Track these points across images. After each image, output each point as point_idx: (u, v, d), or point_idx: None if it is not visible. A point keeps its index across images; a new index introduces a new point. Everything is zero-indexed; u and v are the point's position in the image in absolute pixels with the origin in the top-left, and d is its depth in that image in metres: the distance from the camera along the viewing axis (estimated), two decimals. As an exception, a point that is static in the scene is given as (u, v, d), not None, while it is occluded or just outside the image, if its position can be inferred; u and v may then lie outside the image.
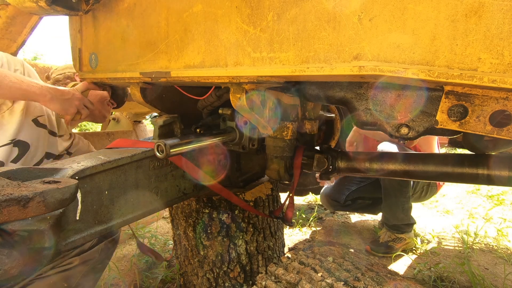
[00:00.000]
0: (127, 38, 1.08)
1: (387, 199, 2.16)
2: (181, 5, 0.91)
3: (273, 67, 0.75)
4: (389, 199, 2.15)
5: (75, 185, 0.67)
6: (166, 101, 1.31)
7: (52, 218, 0.65)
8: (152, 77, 1.01)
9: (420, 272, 1.91)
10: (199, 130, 1.24)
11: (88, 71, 1.24)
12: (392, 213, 2.18)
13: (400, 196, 2.09)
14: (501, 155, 1.02)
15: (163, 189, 1.06)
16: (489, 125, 0.60)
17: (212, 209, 1.41)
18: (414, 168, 1.12)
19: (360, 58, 0.64)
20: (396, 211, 2.15)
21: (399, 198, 2.09)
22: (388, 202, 2.17)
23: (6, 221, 0.57)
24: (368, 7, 0.62)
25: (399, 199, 2.10)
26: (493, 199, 3.35)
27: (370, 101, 0.85)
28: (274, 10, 0.74)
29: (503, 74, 0.52)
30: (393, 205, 2.14)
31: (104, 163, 0.84)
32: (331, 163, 1.28)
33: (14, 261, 0.60)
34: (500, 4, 0.51)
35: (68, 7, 1.06)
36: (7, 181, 0.63)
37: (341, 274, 0.97)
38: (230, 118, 1.23)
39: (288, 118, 1.14)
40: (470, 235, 2.40)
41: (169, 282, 1.81)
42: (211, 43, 0.86)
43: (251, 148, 1.24)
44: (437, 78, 0.57)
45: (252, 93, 0.90)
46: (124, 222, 0.92)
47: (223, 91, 1.23)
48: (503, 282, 1.79)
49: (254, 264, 1.49)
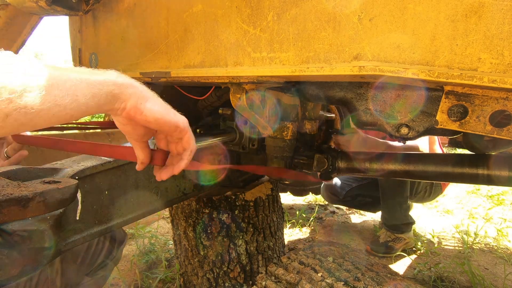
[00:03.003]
0: (127, 38, 1.08)
1: (385, 199, 2.16)
2: (181, 5, 0.92)
3: (273, 67, 0.76)
4: (386, 199, 2.16)
5: (75, 185, 0.67)
6: (166, 101, 1.31)
7: (52, 218, 0.65)
8: (152, 77, 1.01)
9: (420, 272, 1.91)
10: (199, 130, 1.24)
11: (88, 71, 1.24)
12: (390, 213, 2.18)
13: (397, 196, 2.09)
14: (501, 155, 1.02)
15: (163, 189, 1.06)
16: (489, 125, 0.60)
17: (212, 209, 1.41)
18: (414, 168, 1.12)
19: (360, 58, 0.64)
20: (394, 211, 2.15)
21: (397, 198, 2.09)
22: (386, 202, 2.17)
23: (6, 221, 0.57)
24: (368, 7, 0.62)
25: (397, 199, 2.10)
26: (493, 199, 3.35)
27: (370, 101, 0.85)
28: (274, 10, 0.74)
29: (503, 74, 0.52)
30: (391, 205, 2.14)
31: (104, 163, 0.84)
32: (331, 163, 1.28)
33: (14, 261, 0.60)
34: (500, 4, 0.51)
35: (68, 7, 1.06)
36: (7, 181, 0.63)
37: (341, 274, 0.97)
38: (230, 118, 1.23)
39: (288, 118, 1.14)
40: (470, 235, 2.40)
41: (169, 282, 1.81)
42: (211, 43, 0.87)
43: (251, 148, 1.25)
44: (437, 78, 0.57)
45: (252, 93, 0.90)
46: (124, 222, 0.92)
47: (223, 91, 1.23)
48: (503, 282, 1.79)
49: (254, 264, 1.49)
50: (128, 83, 0.53)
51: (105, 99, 0.49)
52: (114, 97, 0.50)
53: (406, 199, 2.11)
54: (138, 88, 0.54)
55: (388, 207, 2.17)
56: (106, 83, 0.49)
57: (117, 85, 0.51)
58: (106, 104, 0.50)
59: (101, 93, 0.48)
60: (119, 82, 0.52)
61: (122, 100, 0.52)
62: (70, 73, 0.46)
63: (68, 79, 0.44)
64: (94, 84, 0.48)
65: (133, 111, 0.53)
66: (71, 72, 0.46)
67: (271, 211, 1.56)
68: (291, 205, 3.18)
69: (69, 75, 0.45)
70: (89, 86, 0.47)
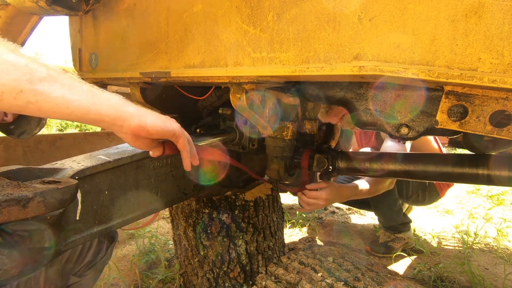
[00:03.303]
0: (127, 38, 1.08)
1: (375, 204, 2.15)
2: (181, 5, 0.92)
3: (273, 67, 0.76)
4: (376, 205, 2.15)
5: (75, 185, 0.67)
6: (166, 101, 1.31)
7: (52, 218, 0.65)
8: (152, 77, 1.01)
9: (420, 272, 1.91)
10: (199, 130, 1.24)
11: (88, 71, 1.24)
12: (384, 216, 2.18)
13: (386, 198, 2.06)
14: (501, 155, 1.02)
15: (163, 189, 1.06)
16: (489, 125, 0.60)
17: (212, 209, 1.41)
18: (414, 168, 1.12)
19: (360, 58, 0.64)
20: (387, 214, 2.14)
21: (385, 202, 2.07)
22: (376, 207, 2.17)
23: (6, 221, 0.57)
24: (368, 7, 0.62)
25: (385, 203, 2.08)
26: (493, 199, 3.35)
27: (370, 101, 0.85)
28: (274, 10, 0.74)
29: (503, 74, 0.52)
30: (382, 208, 2.14)
31: (104, 163, 0.84)
32: (331, 163, 1.28)
33: (14, 261, 0.60)
34: (500, 4, 0.51)
35: (68, 7, 1.06)
36: (7, 181, 0.63)
37: (341, 274, 0.97)
38: (230, 118, 1.23)
39: (288, 118, 1.15)
40: (470, 235, 2.40)
41: (169, 282, 1.81)
42: (211, 43, 0.87)
43: (251, 148, 1.25)
44: (437, 78, 0.57)
45: (252, 93, 0.90)
46: (124, 222, 0.92)
47: (223, 91, 1.23)
48: (503, 282, 1.79)
49: (254, 264, 1.49)
50: (129, 104, 0.62)
51: (106, 112, 0.57)
52: (116, 114, 0.59)
53: (396, 201, 2.09)
54: (136, 107, 0.63)
55: (381, 211, 2.17)
56: (109, 99, 0.58)
57: (119, 105, 0.60)
58: (108, 116, 0.58)
59: (103, 106, 0.57)
60: (123, 103, 0.61)
61: (123, 118, 0.60)
62: (83, 84, 0.56)
63: (79, 86, 0.55)
64: (98, 98, 0.57)
65: (138, 129, 0.62)
66: (83, 84, 0.56)
67: (271, 211, 1.56)
68: (291, 205, 3.18)
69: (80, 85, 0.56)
70: (94, 98, 0.56)
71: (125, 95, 0.68)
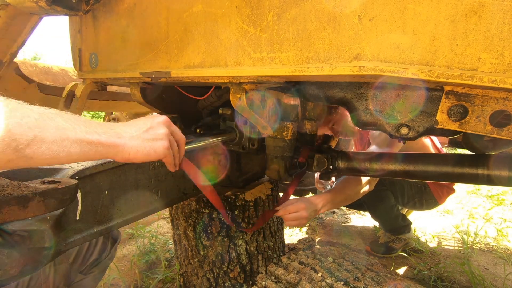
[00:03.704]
0: (127, 38, 1.08)
1: (372, 211, 2.15)
2: (181, 5, 0.92)
3: (273, 67, 0.76)
4: (373, 212, 2.15)
5: (75, 185, 0.67)
6: (166, 101, 1.31)
7: (52, 218, 0.65)
8: (152, 77, 1.01)
9: (420, 272, 1.91)
10: (199, 130, 1.24)
11: (88, 71, 1.24)
12: (383, 220, 2.17)
13: (383, 204, 2.05)
14: (501, 155, 1.02)
15: (163, 189, 1.06)
16: (489, 125, 0.60)
17: (212, 209, 1.41)
18: (414, 168, 1.12)
19: (360, 58, 0.64)
20: (386, 218, 2.14)
21: (382, 206, 2.06)
22: (374, 214, 2.17)
23: (6, 221, 0.57)
24: (368, 7, 0.62)
25: (381, 209, 2.08)
26: (493, 199, 3.35)
27: (370, 101, 0.85)
28: (274, 10, 0.74)
29: (503, 74, 0.52)
30: (380, 214, 2.13)
31: (104, 163, 0.84)
32: (331, 163, 1.28)
33: (14, 261, 0.60)
34: (500, 4, 0.51)
35: (68, 7, 1.06)
36: (7, 181, 0.63)
37: (341, 274, 0.97)
38: (230, 118, 1.23)
39: (288, 118, 1.14)
40: (470, 235, 2.40)
41: (169, 282, 1.81)
42: (211, 43, 0.87)
43: (251, 148, 1.24)
44: (437, 78, 0.57)
45: (252, 93, 0.90)
46: (124, 222, 0.92)
47: (223, 91, 1.23)
48: (503, 282, 1.79)
49: (254, 264, 1.49)
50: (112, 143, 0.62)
51: (93, 156, 0.60)
52: (102, 155, 0.62)
53: (392, 208, 2.07)
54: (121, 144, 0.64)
55: (379, 217, 2.17)
56: (95, 144, 0.59)
57: (104, 147, 0.61)
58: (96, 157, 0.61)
59: (90, 152, 0.59)
60: (107, 143, 0.61)
61: (110, 156, 0.63)
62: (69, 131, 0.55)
63: (66, 138, 0.54)
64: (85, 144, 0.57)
65: (125, 160, 0.66)
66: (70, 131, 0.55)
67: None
68: (291, 205, 3.17)
69: (68, 133, 0.54)
70: (82, 146, 0.57)
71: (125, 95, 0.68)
